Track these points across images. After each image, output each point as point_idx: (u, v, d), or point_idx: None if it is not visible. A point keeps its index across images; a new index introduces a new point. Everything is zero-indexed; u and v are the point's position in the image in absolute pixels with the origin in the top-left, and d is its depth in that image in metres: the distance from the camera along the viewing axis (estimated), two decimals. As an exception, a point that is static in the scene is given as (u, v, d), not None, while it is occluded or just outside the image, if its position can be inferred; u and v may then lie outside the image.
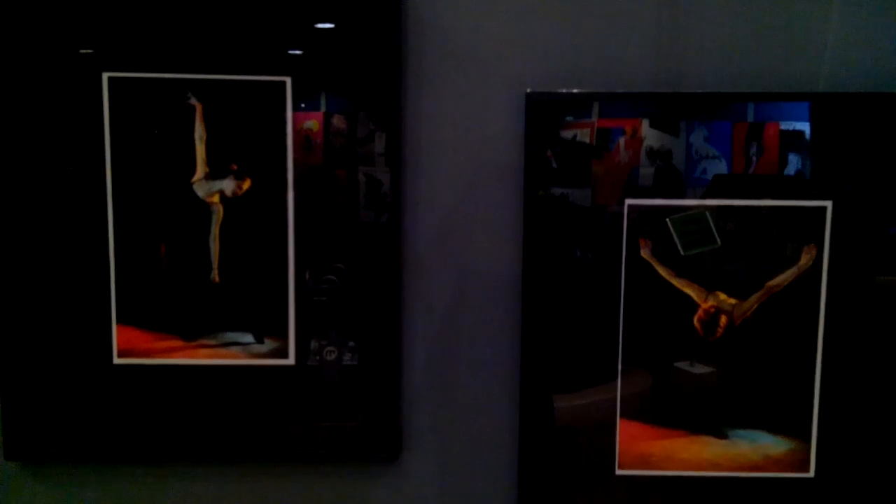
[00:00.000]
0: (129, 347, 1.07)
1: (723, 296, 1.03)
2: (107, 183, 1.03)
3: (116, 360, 1.07)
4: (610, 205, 1.02)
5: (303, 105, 1.02)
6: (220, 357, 1.07)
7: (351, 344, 1.07)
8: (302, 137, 1.02)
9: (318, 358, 1.06)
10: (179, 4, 1.01)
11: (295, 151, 1.03)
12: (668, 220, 1.01)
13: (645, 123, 1.01)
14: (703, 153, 1.01)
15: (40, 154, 1.03)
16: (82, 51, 1.01)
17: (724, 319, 1.03)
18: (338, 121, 1.02)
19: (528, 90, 1.02)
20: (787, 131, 1.01)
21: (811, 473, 1.06)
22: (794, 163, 1.01)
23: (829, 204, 1.01)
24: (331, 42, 1.01)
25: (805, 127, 1.01)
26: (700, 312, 1.03)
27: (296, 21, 1.01)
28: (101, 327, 1.06)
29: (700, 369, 1.04)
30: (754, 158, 1.01)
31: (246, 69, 1.02)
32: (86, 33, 1.01)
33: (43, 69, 1.02)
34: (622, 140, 1.01)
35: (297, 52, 1.01)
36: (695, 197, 1.02)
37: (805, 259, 1.02)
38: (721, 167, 1.01)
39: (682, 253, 1.02)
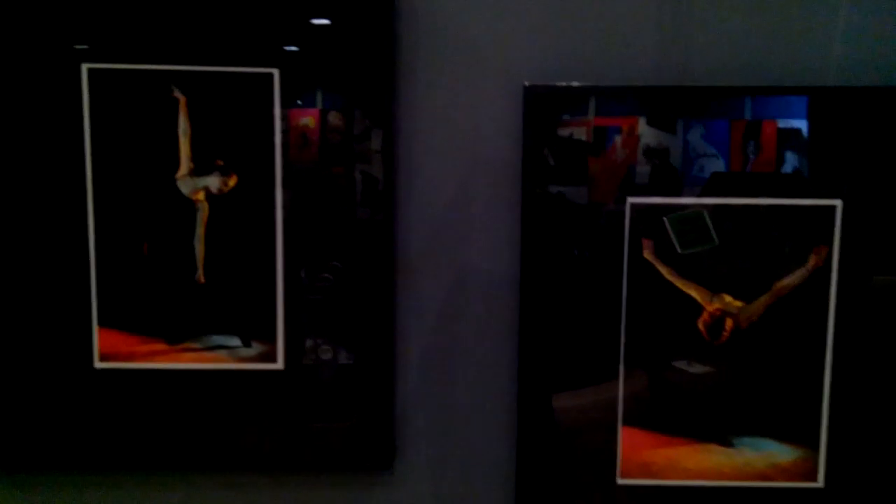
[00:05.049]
0: (111, 351, 1.00)
1: (728, 298, 0.98)
2: (87, 179, 0.97)
3: (98, 365, 1.01)
4: (607, 203, 0.98)
5: (299, 102, 0.97)
6: (205, 361, 1.01)
7: (346, 343, 1.01)
8: (298, 134, 0.97)
9: (313, 357, 1.01)
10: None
11: (291, 148, 0.97)
12: (664, 218, 0.97)
13: (642, 121, 0.97)
14: (700, 151, 0.97)
15: (17, 149, 0.97)
16: (61, 41, 0.95)
17: (729, 323, 0.97)
18: (334, 118, 0.98)
19: (526, 83, 0.97)
20: (785, 129, 0.96)
21: (820, 483, 1.00)
22: (791, 161, 0.97)
23: (838, 203, 0.95)
24: (326, 38, 0.97)
25: (803, 125, 0.96)
26: (705, 315, 0.98)
27: (291, 17, 0.96)
28: (81, 330, 1.00)
29: (698, 369, 0.99)
30: (751, 156, 0.97)
31: (237, 63, 0.96)
32: (65, 22, 0.95)
33: (20, 60, 0.96)
34: (619, 138, 0.97)
35: (293, 48, 0.96)
36: (692, 195, 0.97)
37: (814, 260, 0.96)
38: (718, 165, 0.97)
39: (679, 251, 0.97)
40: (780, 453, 1.00)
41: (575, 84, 0.96)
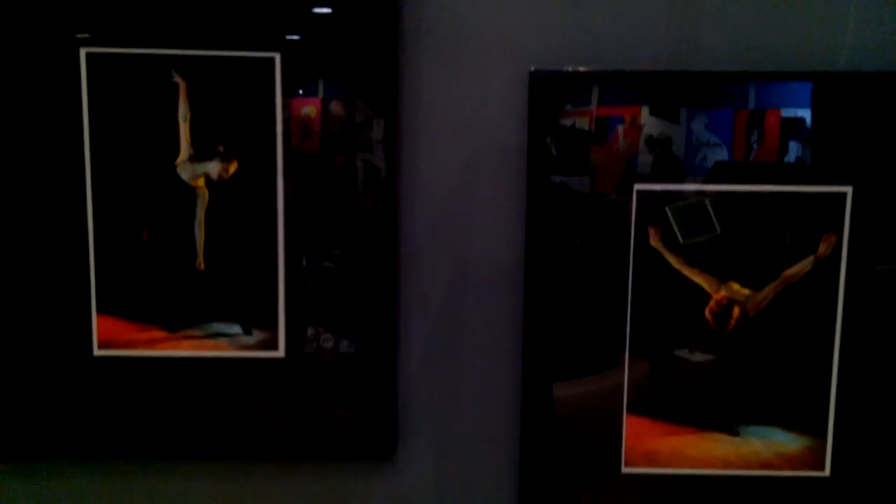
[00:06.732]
0: (110, 338, 0.98)
1: (736, 286, 0.96)
2: (85, 165, 0.95)
3: (97, 352, 0.99)
4: (609, 193, 0.96)
5: (300, 91, 0.95)
6: (205, 349, 0.99)
7: (348, 332, 0.99)
8: (300, 123, 0.95)
9: (314, 345, 0.99)
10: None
11: (292, 137, 0.95)
12: (667, 208, 0.95)
13: (645, 111, 0.95)
14: (703, 140, 0.95)
15: (14, 135, 0.95)
16: (59, 24, 0.93)
17: (737, 311, 0.95)
18: (336, 107, 0.96)
19: (532, 68, 0.94)
20: (789, 118, 0.94)
21: (827, 472, 0.99)
22: (794, 150, 0.95)
23: (849, 190, 0.93)
24: (328, 27, 0.94)
25: (806, 114, 0.94)
26: (712, 304, 0.96)
27: (293, 5, 0.94)
28: (80, 317, 0.98)
29: (700, 357, 0.98)
30: (755, 146, 0.95)
31: (237, 48, 0.94)
32: (61, 6, 0.92)
33: (16, 45, 0.93)
34: (621, 128, 0.95)
35: (295, 36, 0.94)
36: (694, 184, 0.95)
37: (823, 248, 0.94)
38: (721, 154, 0.95)
39: (681, 241, 0.95)
40: (787, 442, 0.98)
41: (581, 69, 0.94)
